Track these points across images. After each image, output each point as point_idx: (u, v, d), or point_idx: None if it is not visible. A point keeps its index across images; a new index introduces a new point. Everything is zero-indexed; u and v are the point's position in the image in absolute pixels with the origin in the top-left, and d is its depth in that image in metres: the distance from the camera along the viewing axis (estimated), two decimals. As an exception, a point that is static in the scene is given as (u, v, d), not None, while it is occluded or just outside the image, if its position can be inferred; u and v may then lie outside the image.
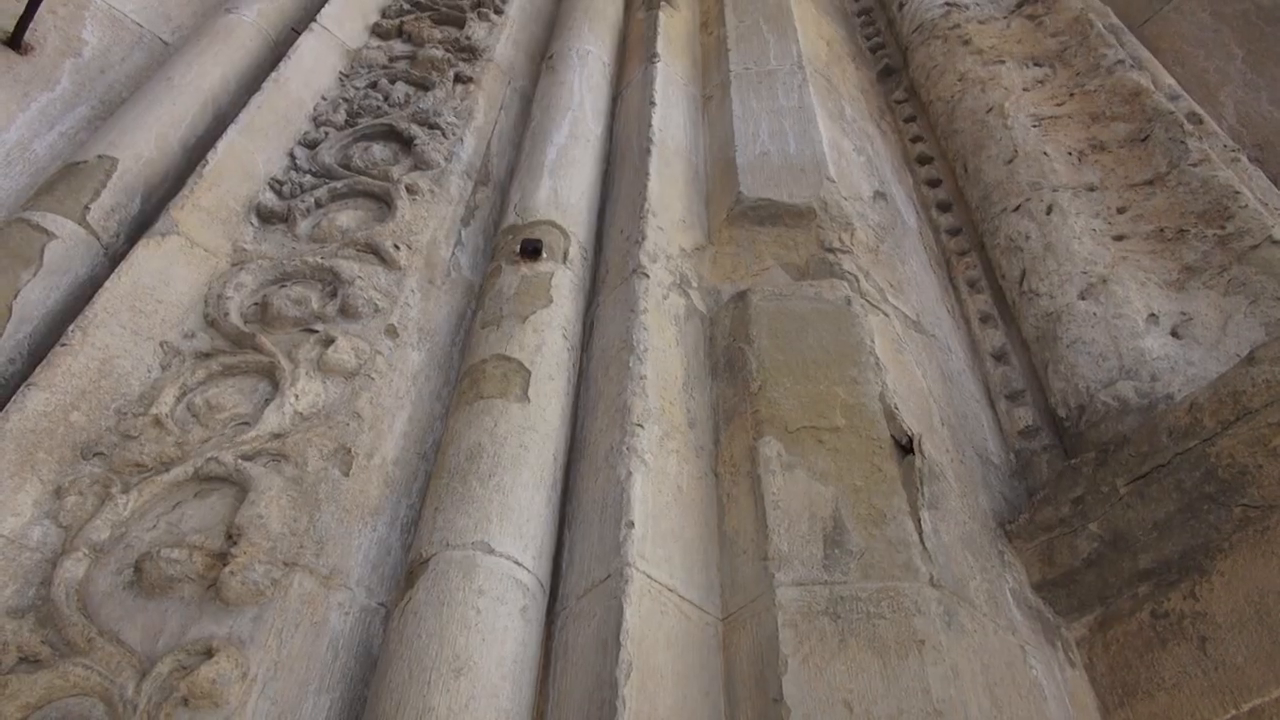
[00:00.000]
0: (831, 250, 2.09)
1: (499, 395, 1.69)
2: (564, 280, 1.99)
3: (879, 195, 2.41)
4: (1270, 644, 1.30)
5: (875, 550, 1.45)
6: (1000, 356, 2.07)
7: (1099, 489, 1.55)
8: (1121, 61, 2.44)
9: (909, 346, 1.93)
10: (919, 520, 1.49)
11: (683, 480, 1.63)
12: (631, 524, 1.46)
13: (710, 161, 2.53)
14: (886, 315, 1.95)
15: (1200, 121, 2.22)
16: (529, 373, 1.74)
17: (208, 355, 1.77)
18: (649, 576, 1.42)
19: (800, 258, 2.11)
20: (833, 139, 2.47)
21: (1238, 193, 1.97)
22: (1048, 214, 2.13)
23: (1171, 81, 2.46)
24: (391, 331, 1.91)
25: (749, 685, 1.33)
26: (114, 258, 1.90)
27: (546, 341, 1.83)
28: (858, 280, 2.00)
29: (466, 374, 1.79)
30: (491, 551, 1.42)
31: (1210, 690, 1.33)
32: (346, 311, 1.91)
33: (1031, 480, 1.80)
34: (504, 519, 1.47)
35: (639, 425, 1.63)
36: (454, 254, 2.21)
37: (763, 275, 2.08)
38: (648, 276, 1.96)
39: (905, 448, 1.63)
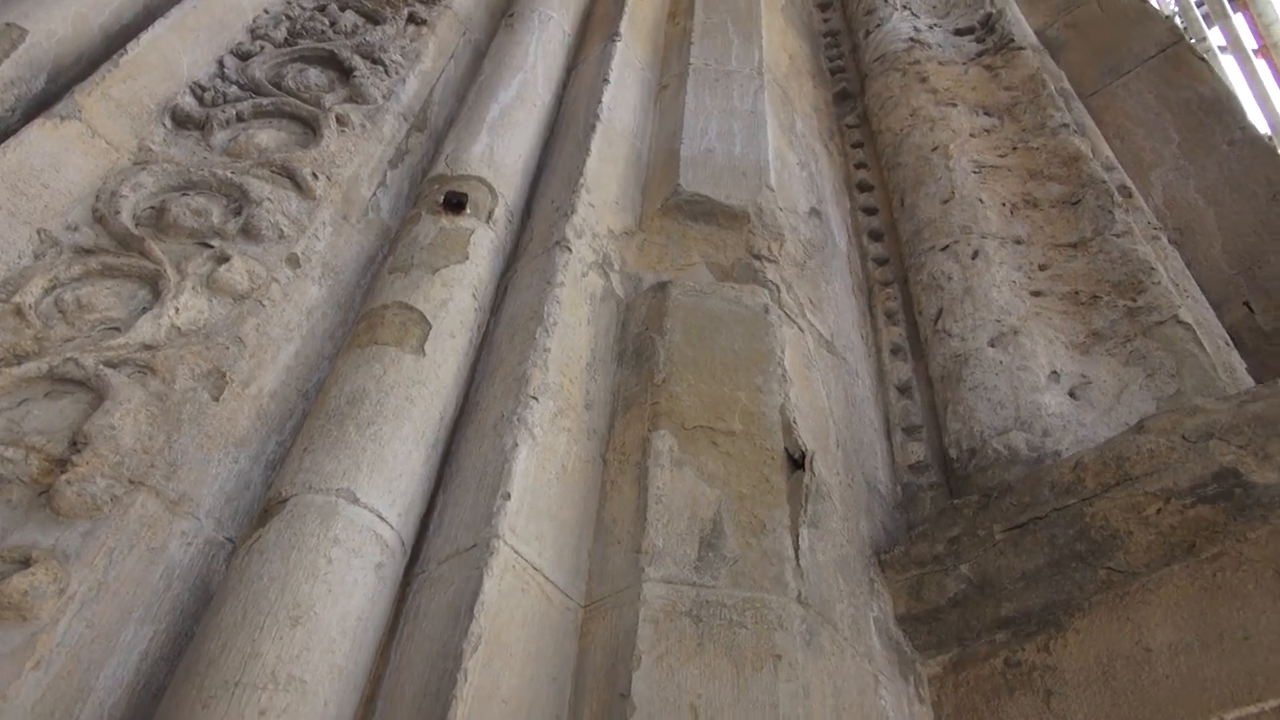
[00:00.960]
0: (759, 257, 2.07)
1: (394, 343, 1.61)
2: (484, 239, 1.93)
3: (815, 212, 2.40)
4: (1110, 706, 1.32)
5: (749, 559, 1.42)
6: (905, 390, 2.08)
7: (976, 532, 1.56)
8: (1066, 125, 2.48)
9: (818, 365, 1.92)
10: (798, 536, 1.48)
11: (569, 460, 1.59)
12: (508, 496, 1.41)
13: (654, 150, 2.49)
14: (801, 330, 1.94)
15: (1130, 195, 2.28)
16: (430, 326, 1.67)
17: (88, 252, 1.65)
18: (516, 552, 1.37)
19: (727, 259, 2.08)
20: (779, 149, 2.46)
21: (1153, 269, 2.01)
22: (973, 258, 2.16)
23: (1109, 153, 2.52)
24: (294, 261, 1.81)
25: (599, 676, 1.30)
26: (5, 133, 1.76)
27: (454, 298, 1.76)
28: (779, 291, 1.98)
29: (364, 317, 1.71)
30: (356, 501, 1.35)
31: (1048, 743, 1.34)
32: (249, 232, 1.81)
33: (914, 514, 1.80)
34: (375, 470, 1.41)
35: (534, 398, 1.58)
36: (375, 195, 2.12)
37: (687, 270, 2.05)
38: (570, 251, 1.90)
39: (797, 463, 1.61)
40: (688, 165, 2.30)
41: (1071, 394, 1.85)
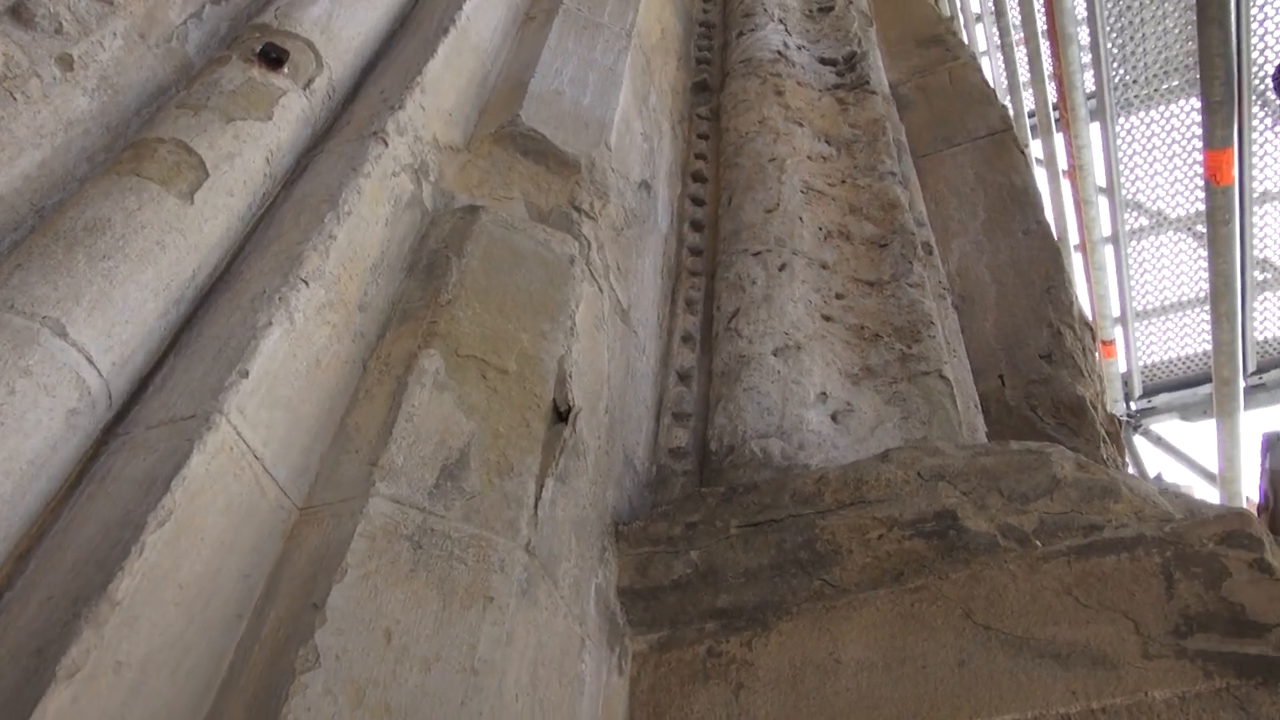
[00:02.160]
0: (579, 210, 2.02)
1: (159, 181, 1.44)
2: (295, 105, 1.76)
3: (645, 186, 2.39)
4: (792, 708, 1.37)
5: (488, 498, 1.37)
6: (685, 377, 2.10)
7: (714, 522, 1.58)
8: (894, 174, 2.60)
9: (609, 329, 1.90)
10: (542, 486, 1.44)
11: (326, 357, 1.47)
12: (245, 374, 1.28)
13: (504, 77, 2.39)
14: (601, 291, 1.91)
15: (930, 252, 2.41)
16: (207, 175, 1.51)
17: None
18: (239, 434, 1.25)
19: (547, 203, 2.02)
20: (627, 114, 2.42)
21: (932, 324, 2.13)
22: (780, 270, 2.21)
23: (923, 210, 2.66)
24: (66, 62, 1.58)
25: (296, 582, 1.20)
26: None
27: (244, 154, 1.60)
28: (590, 248, 1.94)
29: (133, 145, 1.52)
30: (63, 335, 1.18)
31: (726, 732, 1.38)
32: (20, 15, 1.56)
33: (661, 495, 1.82)
34: (97, 309, 1.24)
35: (305, 282, 1.45)
36: (186, 24, 1.89)
37: (504, 203, 1.97)
38: (386, 145, 1.78)
39: (561, 416, 1.58)
40: (533, 100, 2.22)
41: (834, 417, 1.93)
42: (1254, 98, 4.82)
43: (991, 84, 3.47)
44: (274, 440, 1.31)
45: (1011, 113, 7.11)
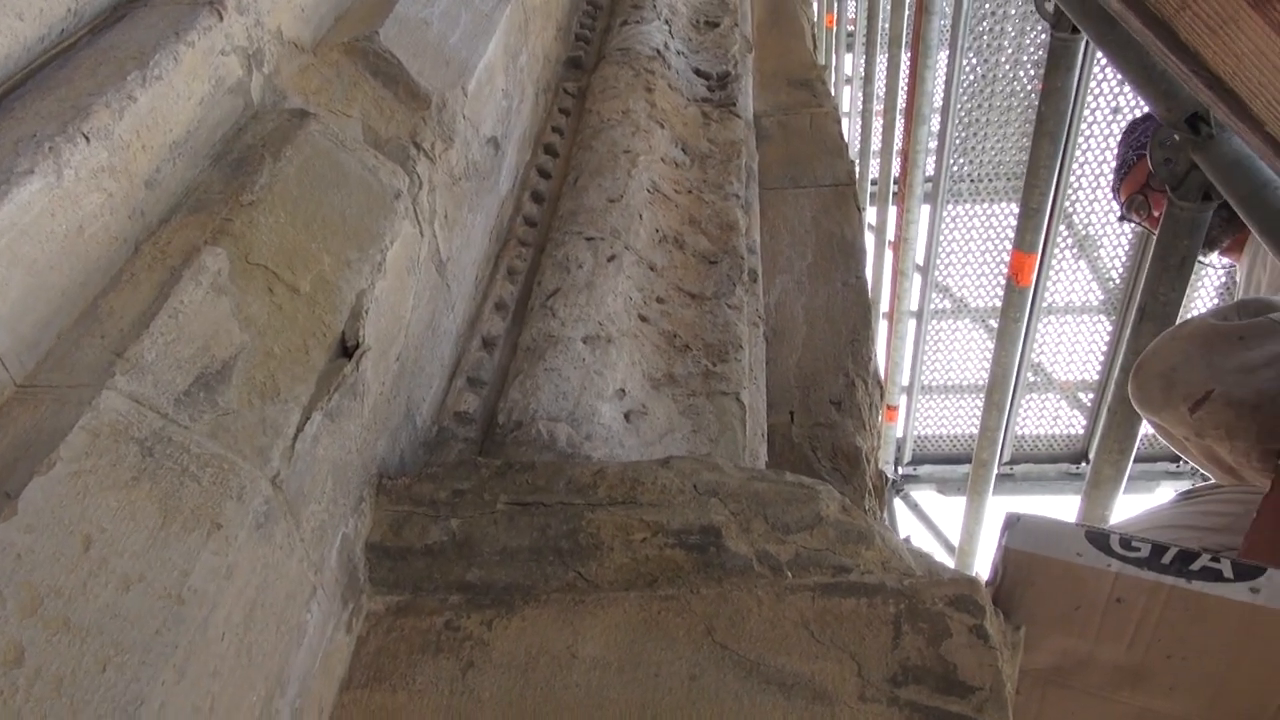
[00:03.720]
0: (419, 147, 1.91)
1: (-70, -23, 1.23)
2: (123, -55, 1.57)
3: (494, 143, 2.30)
4: (517, 694, 1.33)
5: (243, 418, 1.26)
6: (489, 344, 2.04)
7: (483, 494, 1.53)
8: (739, 197, 2.64)
9: (421, 277, 1.80)
10: (308, 419, 1.34)
11: (94, 228, 1.30)
12: (-14, 221, 1.11)
13: (373, -10, 2.24)
14: (422, 235, 1.82)
15: (755, 280, 2.46)
16: (-6, -11, 1.31)
17: None
18: (-39, 286, 1.08)
19: (386, 131, 1.90)
20: (492, 65, 2.33)
21: (741, 347, 2.17)
22: (609, 261, 2.18)
23: (758, 239, 2.71)
24: None
25: (-11, 465, 1.05)
26: None
27: (47, -19, 1.40)
28: (420, 188, 1.84)
29: (-91, -71, 1.30)
30: None
31: (441, 710, 1.33)
32: None
33: (436, 457, 1.74)
34: None
35: (86, 137, 1.28)
36: None
37: (340, 118, 1.84)
38: (221, 19, 1.61)
39: (347, 352, 1.48)
40: (397, 22, 2.08)
41: (627, 416, 1.91)
42: (1063, 216, 5.28)
43: (846, 141, 3.61)
44: (4, 303, 1.14)
45: (857, 174, 7.48)
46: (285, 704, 1.25)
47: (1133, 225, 4.64)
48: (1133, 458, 2.66)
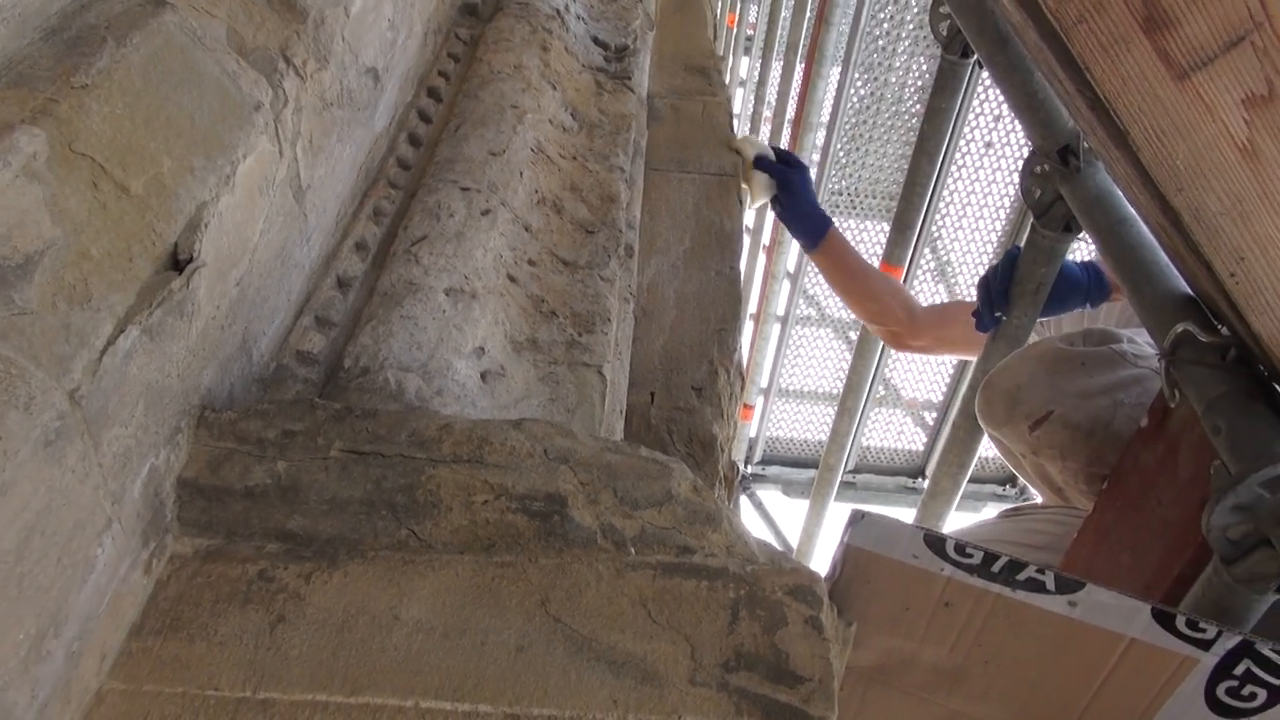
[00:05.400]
0: (289, 62, 1.76)
1: None
2: None
3: (374, 74, 2.16)
4: (330, 654, 1.24)
5: (43, 321, 1.11)
6: (345, 284, 1.91)
7: (316, 438, 1.42)
8: (624, 170, 2.58)
9: (274, 200, 1.66)
10: (121, 332, 1.19)
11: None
12: None
13: (257, -111, 2.06)
14: (281, 156, 1.68)
15: (631, 256, 2.41)
16: None
17: None
18: None
19: (254, 39, 1.74)
20: (382, -8, 2.19)
21: (609, 321, 2.11)
22: (483, 215, 2.08)
23: (638, 216, 2.67)
24: None
25: None
26: None
27: None
28: (285, 105, 1.70)
29: None
30: None
31: (244, 665, 1.22)
32: None
33: (271, 394, 1.61)
34: None
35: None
36: None
37: (204, 15, 1.66)
38: (73, -121, 1.43)
39: (179, 266, 1.34)
40: (280, -75, 1.92)
41: (483, 376, 1.83)
42: (929, 240, 5.48)
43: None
44: None
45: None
46: (60, 645, 1.11)
47: (992, 252, 4.84)
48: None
